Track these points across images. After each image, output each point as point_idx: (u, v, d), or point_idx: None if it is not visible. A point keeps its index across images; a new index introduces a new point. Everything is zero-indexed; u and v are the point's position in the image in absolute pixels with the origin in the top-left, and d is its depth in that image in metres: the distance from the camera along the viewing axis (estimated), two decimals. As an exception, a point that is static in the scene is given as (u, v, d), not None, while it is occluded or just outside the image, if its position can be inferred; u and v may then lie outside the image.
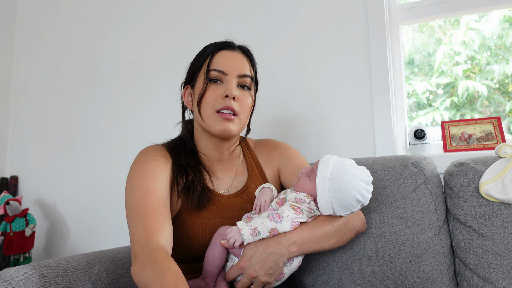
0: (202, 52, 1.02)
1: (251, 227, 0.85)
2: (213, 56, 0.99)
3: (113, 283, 1.02)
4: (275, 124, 1.62)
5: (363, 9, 1.54)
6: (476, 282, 1.04)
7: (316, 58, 1.59)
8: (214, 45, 1.01)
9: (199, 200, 0.96)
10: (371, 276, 1.08)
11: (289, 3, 1.66)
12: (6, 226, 1.73)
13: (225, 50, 1.00)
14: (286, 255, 0.86)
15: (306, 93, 1.59)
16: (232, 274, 0.87)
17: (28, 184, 2.05)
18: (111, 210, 1.85)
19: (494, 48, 1.64)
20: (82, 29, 2.04)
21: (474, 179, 1.09)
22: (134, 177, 0.93)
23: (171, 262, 0.76)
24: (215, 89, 0.97)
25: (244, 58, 1.02)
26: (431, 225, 1.09)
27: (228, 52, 1.00)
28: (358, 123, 1.51)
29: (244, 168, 1.08)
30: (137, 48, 1.91)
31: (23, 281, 0.84)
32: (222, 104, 0.94)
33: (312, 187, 0.91)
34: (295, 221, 0.88)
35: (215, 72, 0.97)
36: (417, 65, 1.74)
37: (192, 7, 1.82)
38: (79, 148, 1.96)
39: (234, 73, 0.97)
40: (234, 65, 0.98)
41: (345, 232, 0.96)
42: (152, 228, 0.83)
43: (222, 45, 1.01)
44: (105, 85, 1.95)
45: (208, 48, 1.02)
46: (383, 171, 1.15)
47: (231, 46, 1.01)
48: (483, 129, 1.42)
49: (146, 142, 1.52)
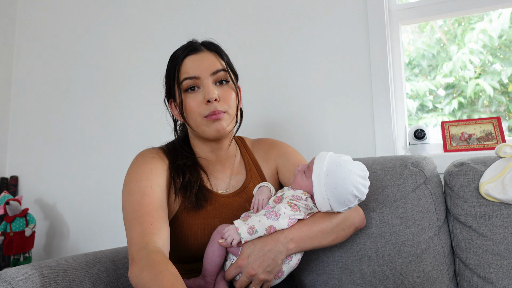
0: (170, 64, 1.00)
1: (248, 225, 0.85)
2: (180, 65, 0.97)
3: (113, 283, 1.02)
4: (275, 125, 1.62)
5: (363, 9, 1.54)
6: (476, 282, 1.04)
7: (316, 58, 1.59)
8: (178, 54, 0.99)
9: (196, 200, 0.96)
10: (371, 276, 1.08)
11: (289, 3, 1.66)
12: (6, 226, 1.73)
13: (190, 55, 0.98)
14: (284, 252, 0.86)
15: (306, 93, 1.59)
16: (231, 273, 0.87)
17: (28, 184, 2.05)
18: (111, 210, 1.85)
19: (499, 47, 1.63)
20: (82, 30, 2.04)
21: (474, 179, 1.09)
22: (131, 180, 0.93)
23: (168, 264, 0.76)
24: (194, 97, 0.95)
25: (210, 54, 0.99)
26: (431, 225, 1.09)
27: (193, 56, 0.97)
28: (358, 123, 1.51)
29: (242, 167, 1.08)
30: (137, 49, 1.90)
31: (23, 281, 0.84)
32: (207, 110, 0.94)
33: (308, 184, 0.91)
34: (292, 218, 0.88)
35: (187, 80, 0.95)
36: (420, 67, 1.74)
37: (192, 8, 1.82)
38: (79, 148, 1.96)
39: (206, 74, 0.95)
40: (203, 67, 0.96)
41: (344, 228, 0.96)
42: (149, 231, 0.83)
43: (185, 52, 0.98)
44: (105, 85, 1.95)
45: (173, 59, 1.00)
46: (383, 171, 1.15)
47: (195, 49, 0.98)
48: (483, 129, 1.42)
49: (146, 142, 1.52)
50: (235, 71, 1.05)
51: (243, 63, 1.61)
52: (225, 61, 1.00)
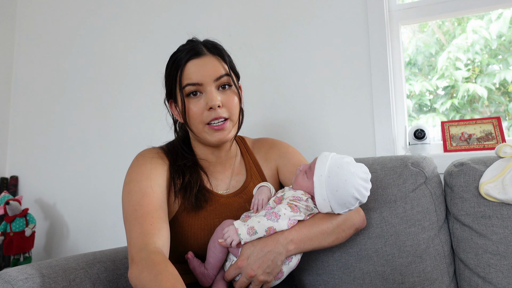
0: (171, 66, 0.98)
1: (248, 226, 0.85)
2: (183, 70, 0.94)
3: (113, 283, 1.02)
4: (275, 125, 1.62)
5: (363, 9, 1.54)
6: (476, 282, 1.04)
7: (316, 58, 1.59)
8: (180, 57, 0.96)
9: (196, 201, 0.95)
10: (371, 276, 1.08)
11: (288, 3, 1.66)
12: (6, 226, 1.73)
13: (193, 59, 0.95)
14: (284, 254, 0.86)
15: (306, 93, 1.59)
16: (231, 273, 0.87)
17: (28, 184, 2.05)
18: (111, 210, 1.85)
19: (495, 48, 1.64)
20: (83, 29, 2.03)
21: (474, 179, 1.09)
22: (131, 180, 0.93)
23: (168, 265, 0.76)
24: (196, 103, 0.94)
25: (213, 59, 0.96)
26: (431, 225, 1.09)
27: (196, 61, 0.94)
28: (358, 123, 1.51)
29: (242, 168, 1.08)
30: (138, 49, 1.90)
31: (23, 281, 0.84)
32: (210, 116, 0.93)
33: (309, 185, 0.90)
34: (292, 219, 0.88)
35: (189, 86, 0.93)
36: (417, 65, 1.74)
37: (192, 8, 1.82)
38: (79, 148, 1.96)
39: (209, 81, 0.93)
40: (206, 73, 0.93)
41: (344, 230, 0.96)
42: (149, 231, 0.83)
43: (188, 56, 0.95)
44: (105, 85, 1.95)
45: (175, 61, 0.97)
46: (383, 171, 1.15)
47: (197, 53, 0.95)
48: (483, 129, 1.42)
49: (146, 142, 1.52)
50: (237, 72, 1.04)
51: (243, 63, 1.61)
52: (228, 63, 0.99)
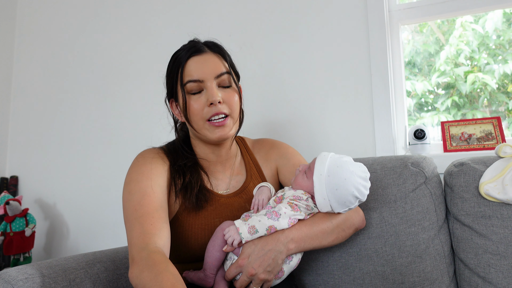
0: (172, 64, 0.99)
1: (248, 226, 0.85)
2: (184, 67, 0.95)
3: (113, 283, 1.02)
4: (275, 125, 1.62)
5: (363, 9, 1.54)
6: (476, 282, 1.04)
7: (316, 58, 1.59)
8: (181, 55, 0.97)
9: (196, 201, 0.96)
10: (371, 276, 1.08)
11: (288, 4, 1.66)
12: (6, 226, 1.73)
13: (194, 56, 0.96)
14: (285, 252, 0.87)
15: (306, 94, 1.59)
16: (231, 272, 0.87)
17: (28, 184, 2.05)
18: (111, 210, 1.85)
19: (494, 47, 1.64)
20: (83, 30, 2.04)
21: (474, 179, 1.09)
22: (131, 180, 0.93)
23: (169, 265, 0.76)
24: (197, 99, 0.95)
25: (214, 56, 0.97)
26: (431, 225, 1.09)
27: (196, 58, 0.96)
28: (358, 123, 1.51)
29: (242, 168, 1.08)
30: (138, 49, 1.90)
31: (23, 281, 0.84)
32: (210, 112, 0.93)
33: (309, 184, 0.91)
34: (292, 218, 0.88)
35: (190, 83, 0.94)
36: (418, 66, 1.74)
37: (192, 7, 1.82)
38: (79, 148, 1.96)
39: (210, 77, 0.94)
40: (207, 70, 0.94)
41: (344, 229, 0.96)
42: (149, 231, 0.83)
43: (189, 53, 0.96)
44: (105, 85, 1.95)
45: (176, 59, 0.98)
46: (383, 171, 1.15)
47: (198, 50, 0.96)
48: (483, 129, 1.42)
49: (146, 142, 1.52)
50: (237, 72, 1.05)
51: (243, 63, 1.61)
52: (228, 62, 1.00)
